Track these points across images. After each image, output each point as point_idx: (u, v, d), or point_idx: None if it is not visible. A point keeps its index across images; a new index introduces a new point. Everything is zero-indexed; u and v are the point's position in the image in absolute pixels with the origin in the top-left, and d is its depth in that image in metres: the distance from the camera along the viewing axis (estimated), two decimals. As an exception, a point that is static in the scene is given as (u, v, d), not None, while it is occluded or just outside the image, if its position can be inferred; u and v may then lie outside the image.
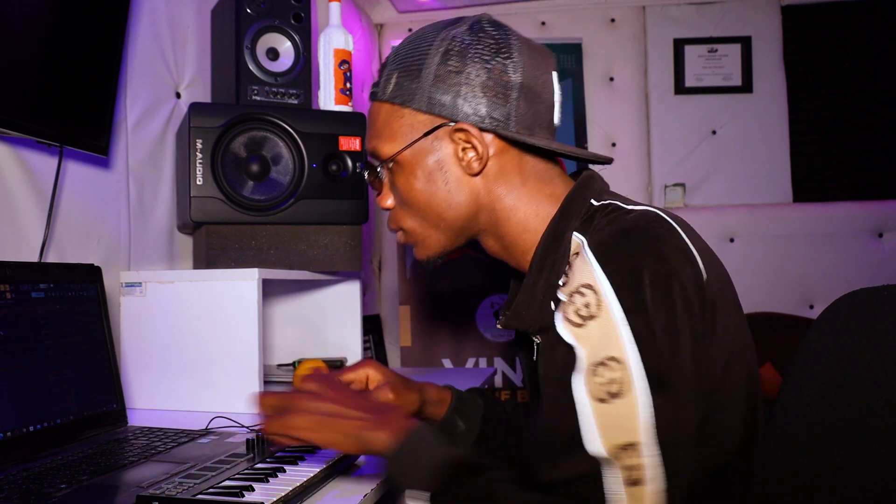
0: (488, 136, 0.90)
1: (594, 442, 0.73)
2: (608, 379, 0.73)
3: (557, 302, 0.85)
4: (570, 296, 0.78)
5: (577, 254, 0.84)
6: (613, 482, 0.72)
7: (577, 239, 0.86)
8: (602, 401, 0.73)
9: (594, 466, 0.73)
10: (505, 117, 0.89)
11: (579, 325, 0.76)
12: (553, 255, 0.88)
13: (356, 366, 1.04)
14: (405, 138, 0.92)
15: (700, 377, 0.76)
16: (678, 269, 0.77)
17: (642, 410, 0.72)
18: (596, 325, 0.75)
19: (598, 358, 0.74)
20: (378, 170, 0.97)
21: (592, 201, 0.90)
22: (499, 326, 0.99)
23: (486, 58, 0.88)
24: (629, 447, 0.72)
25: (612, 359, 0.73)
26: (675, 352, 0.74)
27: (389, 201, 0.98)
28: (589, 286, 0.77)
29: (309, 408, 0.84)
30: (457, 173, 0.91)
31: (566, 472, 0.74)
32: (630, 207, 0.86)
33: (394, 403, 0.99)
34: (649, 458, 0.71)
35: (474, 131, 0.89)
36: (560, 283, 0.86)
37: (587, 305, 0.76)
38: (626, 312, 0.74)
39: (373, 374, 1.03)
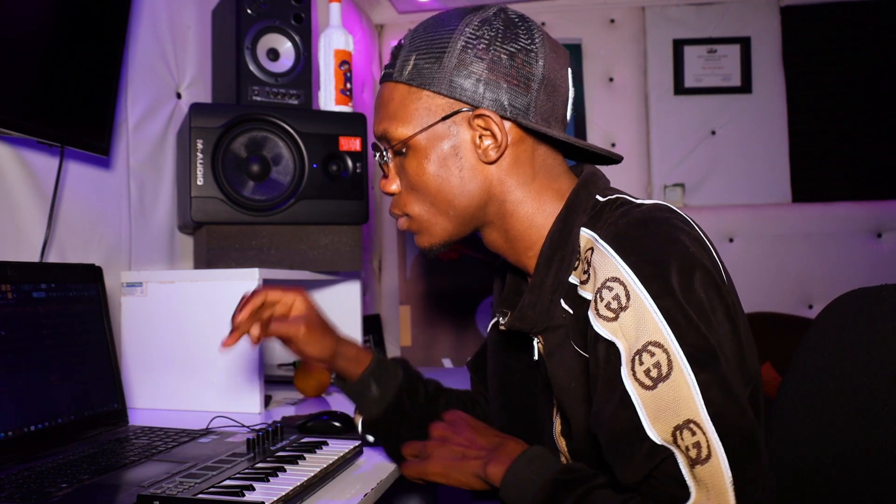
0: (507, 125, 0.89)
1: (650, 431, 0.72)
2: (651, 364, 0.73)
3: (576, 299, 0.85)
4: (598, 292, 0.78)
5: (591, 249, 0.83)
6: (679, 469, 0.71)
7: (587, 235, 0.85)
8: (649, 387, 0.72)
9: (656, 458, 0.72)
10: (525, 107, 0.88)
11: (613, 319, 0.76)
12: (561, 252, 0.88)
13: (287, 289, 1.01)
14: (421, 121, 0.89)
15: (741, 356, 0.77)
16: (697, 257, 0.78)
17: (692, 388, 0.71)
18: (628, 315, 0.75)
19: (638, 346, 0.74)
20: (386, 153, 0.95)
21: (598, 197, 0.90)
22: (502, 328, 0.96)
23: (510, 46, 0.87)
24: (683, 427, 0.71)
25: (652, 343, 0.73)
26: (712, 328, 0.74)
27: (394, 186, 0.95)
28: (615, 279, 0.76)
29: (439, 455, 0.93)
30: (472, 161, 0.90)
31: (638, 472, 0.73)
32: (640, 201, 0.86)
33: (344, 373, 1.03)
34: (708, 434, 0.70)
35: (495, 118, 0.87)
36: (576, 281, 0.86)
37: (616, 298, 0.76)
38: (654, 297, 0.74)
39: (298, 304, 1.00)
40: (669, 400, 0.72)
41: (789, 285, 3.00)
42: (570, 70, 0.94)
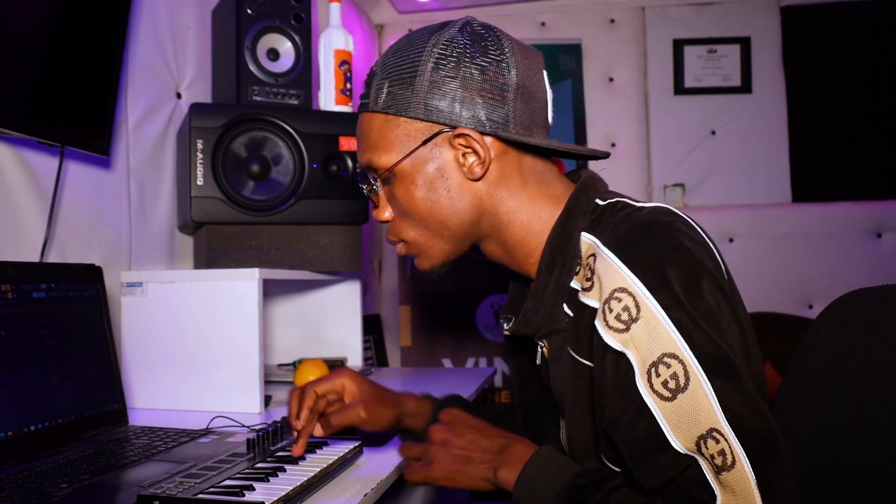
0: (488, 140, 0.88)
1: (674, 441, 0.72)
2: (668, 376, 0.73)
3: (577, 304, 0.85)
4: (606, 303, 0.78)
5: (593, 255, 0.83)
6: (703, 473, 0.72)
7: (588, 240, 0.85)
8: (668, 399, 0.73)
9: (679, 466, 0.72)
10: (504, 119, 0.87)
11: (624, 331, 0.76)
12: (562, 256, 0.87)
13: (332, 376, 1.03)
14: (402, 148, 0.89)
15: (747, 353, 0.78)
16: (703, 262, 0.78)
17: (711, 397, 0.72)
18: (640, 327, 0.75)
19: (653, 358, 0.74)
20: (374, 183, 0.95)
21: (598, 201, 0.89)
22: (506, 333, 0.96)
23: (480, 60, 0.87)
24: (707, 436, 0.71)
25: (667, 355, 0.73)
26: (722, 333, 0.75)
27: (387, 214, 0.95)
28: (623, 289, 0.76)
29: (443, 459, 0.91)
30: (458, 179, 0.90)
31: (661, 479, 0.74)
32: (641, 204, 0.86)
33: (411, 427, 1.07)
34: (731, 442, 0.71)
35: (475, 135, 0.87)
36: (577, 286, 0.86)
37: (626, 309, 0.76)
38: (665, 308, 0.74)
39: (348, 387, 1.03)
40: (690, 410, 0.72)
41: (789, 285, 3.00)
42: (545, 72, 0.93)
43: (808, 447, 0.90)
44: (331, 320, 2.00)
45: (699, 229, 0.83)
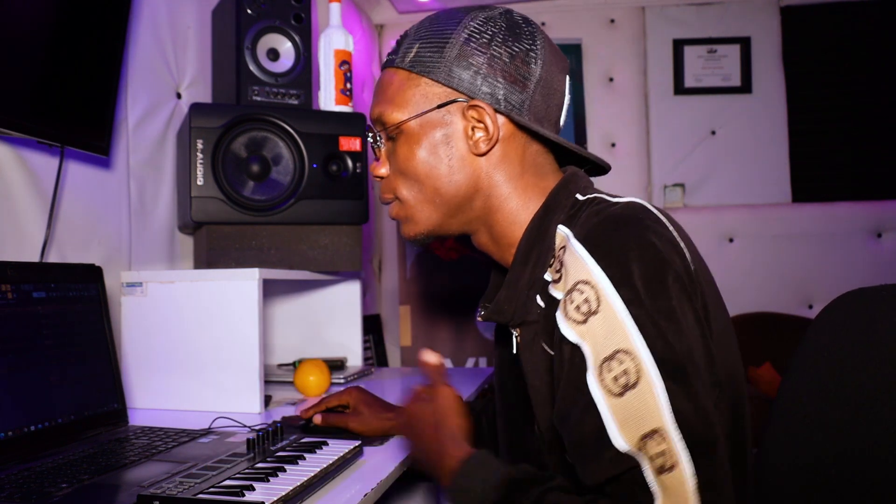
0: (500, 119, 0.90)
1: (617, 438, 0.71)
2: (620, 371, 0.72)
3: (547, 297, 0.85)
4: (569, 293, 0.78)
5: (563, 247, 0.83)
6: (644, 475, 0.70)
7: (562, 232, 0.86)
8: (617, 395, 0.72)
9: (622, 465, 0.71)
10: (520, 104, 0.90)
11: (582, 322, 0.75)
12: (538, 248, 0.88)
13: (341, 393, 1.26)
14: (416, 107, 0.91)
15: (710, 360, 0.77)
16: (669, 259, 0.77)
17: (659, 397, 0.71)
18: (598, 320, 0.74)
19: (607, 352, 0.73)
20: (379, 136, 0.97)
21: (578, 196, 0.90)
22: (479, 319, 0.97)
23: (511, 44, 0.89)
24: (652, 434, 0.70)
25: (621, 351, 0.73)
26: (681, 335, 0.74)
27: (384, 170, 0.97)
28: (586, 282, 0.76)
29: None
30: (462, 151, 0.91)
31: (602, 475, 0.73)
32: (615, 200, 0.86)
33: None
34: (673, 444, 0.70)
35: (489, 111, 0.89)
36: (549, 278, 0.86)
37: (587, 301, 0.75)
38: (626, 304, 0.74)
39: (353, 400, 1.24)
40: (637, 408, 0.71)
41: (789, 285, 3.00)
42: (568, 78, 0.95)
43: (808, 447, 0.90)
44: (331, 320, 2.00)
45: (671, 228, 0.83)
